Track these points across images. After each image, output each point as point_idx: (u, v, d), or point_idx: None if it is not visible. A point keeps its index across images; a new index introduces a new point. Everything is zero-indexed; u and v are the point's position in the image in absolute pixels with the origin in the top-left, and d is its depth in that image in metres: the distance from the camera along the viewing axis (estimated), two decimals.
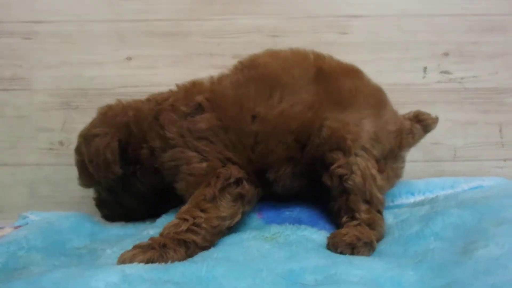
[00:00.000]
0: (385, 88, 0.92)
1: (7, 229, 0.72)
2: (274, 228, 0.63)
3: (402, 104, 0.92)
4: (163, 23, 0.93)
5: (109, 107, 0.73)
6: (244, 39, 0.92)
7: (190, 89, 0.71)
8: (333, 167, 0.64)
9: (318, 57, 0.71)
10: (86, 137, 0.70)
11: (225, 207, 0.60)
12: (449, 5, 0.92)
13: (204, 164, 0.63)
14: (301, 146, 0.66)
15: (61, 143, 0.94)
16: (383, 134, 0.67)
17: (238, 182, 0.62)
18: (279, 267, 0.48)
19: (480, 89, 0.93)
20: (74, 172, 0.75)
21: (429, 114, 0.78)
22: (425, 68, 0.93)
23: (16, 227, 0.73)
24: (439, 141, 0.94)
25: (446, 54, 0.93)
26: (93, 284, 0.42)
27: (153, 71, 0.93)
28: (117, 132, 0.69)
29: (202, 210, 0.58)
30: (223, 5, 0.92)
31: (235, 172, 0.62)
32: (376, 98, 0.71)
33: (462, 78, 0.93)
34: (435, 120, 0.78)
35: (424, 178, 0.84)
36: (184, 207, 0.59)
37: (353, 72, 0.72)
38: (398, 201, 0.78)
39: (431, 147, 0.93)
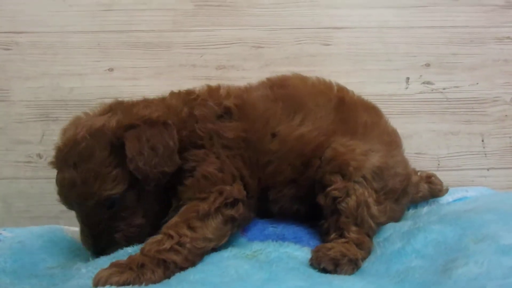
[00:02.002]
0: (368, 99, 0.93)
1: None
2: (256, 245, 0.62)
3: (387, 115, 0.93)
4: (146, 34, 0.92)
5: (121, 102, 0.67)
6: (227, 50, 0.92)
7: (214, 92, 0.70)
8: (329, 189, 0.64)
9: (342, 89, 0.74)
10: (152, 123, 0.60)
11: (214, 229, 0.58)
12: (429, 18, 0.94)
13: (221, 174, 0.62)
14: (305, 168, 0.67)
15: (39, 156, 0.91)
16: (389, 173, 0.66)
17: (234, 203, 0.60)
18: None
19: (462, 99, 0.94)
20: (51, 186, 0.72)
21: (441, 182, 0.79)
22: (407, 79, 0.94)
23: None
24: (423, 151, 0.94)
25: (427, 65, 0.94)
26: None
27: (135, 83, 0.92)
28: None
29: (190, 228, 0.56)
30: (206, 16, 0.92)
31: (236, 192, 0.61)
32: (390, 138, 0.72)
33: (444, 89, 0.94)
34: (445, 191, 0.79)
35: None
36: (173, 221, 0.57)
37: (373, 110, 0.74)
38: None
39: (415, 157, 0.93)
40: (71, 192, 0.59)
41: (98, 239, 0.60)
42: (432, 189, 0.77)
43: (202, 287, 0.47)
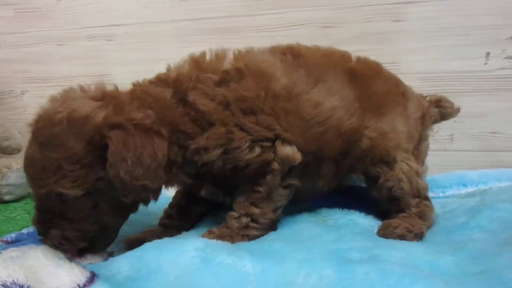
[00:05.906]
0: (442, 76, 0.90)
1: None
2: (324, 212, 0.69)
3: (461, 93, 0.90)
4: (219, 20, 1.00)
5: (112, 94, 0.56)
6: (296, 31, 0.96)
7: (204, 63, 0.62)
8: (380, 181, 0.65)
9: (345, 55, 0.69)
10: (143, 129, 0.52)
11: (279, 199, 0.62)
12: None
13: (257, 151, 0.57)
14: (346, 151, 0.65)
15: None
16: (413, 127, 0.68)
17: (288, 173, 0.61)
18: (328, 246, 0.54)
19: None
20: None
21: (452, 104, 0.76)
22: (487, 54, 0.88)
23: None
24: (499, 130, 0.90)
25: None
26: (185, 247, 0.51)
27: None
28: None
29: (258, 207, 0.60)
30: None
31: (289, 156, 0.59)
32: (402, 94, 0.70)
33: None
34: (457, 110, 0.76)
35: (479, 169, 0.83)
36: (240, 200, 0.61)
37: (379, 72, 0.70)
38: (449, 192, 0.78)
39: (489, 136, 0.89)
40: (28, 170, 0.53)
41: (42, 224, 0.54)
42: (442, 112, 0.75)
43: (281, 241, 0.56)
